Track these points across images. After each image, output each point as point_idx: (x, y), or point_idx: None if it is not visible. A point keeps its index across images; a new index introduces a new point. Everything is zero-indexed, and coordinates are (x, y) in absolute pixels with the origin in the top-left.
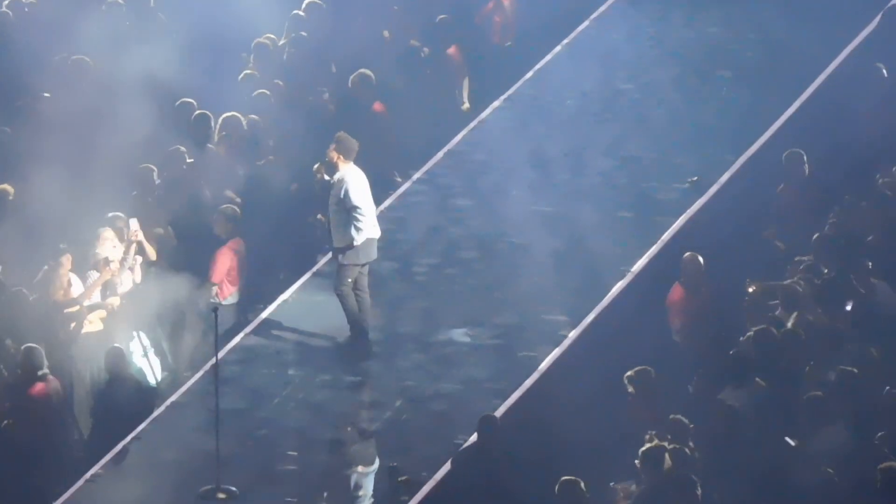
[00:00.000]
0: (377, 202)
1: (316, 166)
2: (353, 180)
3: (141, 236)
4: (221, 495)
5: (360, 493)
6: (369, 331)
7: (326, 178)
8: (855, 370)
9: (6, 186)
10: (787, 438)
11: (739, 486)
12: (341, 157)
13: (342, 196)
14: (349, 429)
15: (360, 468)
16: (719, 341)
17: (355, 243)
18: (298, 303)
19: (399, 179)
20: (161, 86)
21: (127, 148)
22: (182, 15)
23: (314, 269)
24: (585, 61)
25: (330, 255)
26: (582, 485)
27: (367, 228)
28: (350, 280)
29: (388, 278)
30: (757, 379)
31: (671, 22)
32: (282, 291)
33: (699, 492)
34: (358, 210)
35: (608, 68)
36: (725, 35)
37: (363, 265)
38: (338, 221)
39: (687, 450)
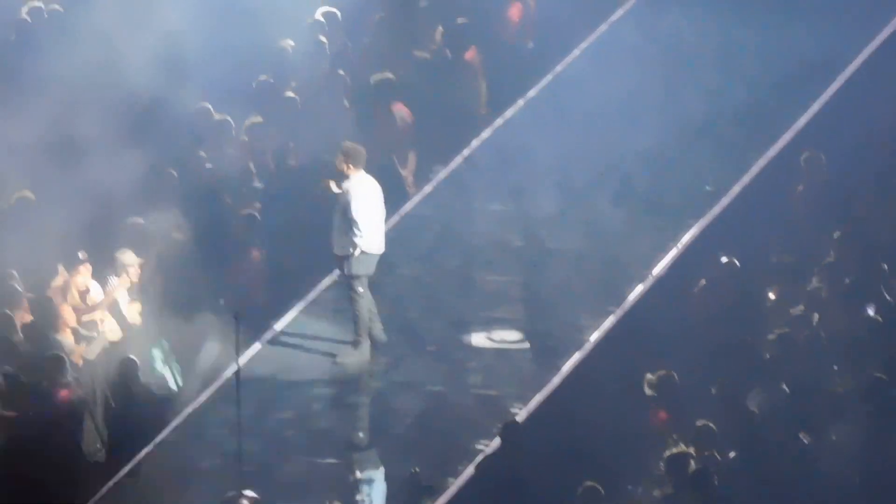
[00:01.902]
0: (399, 203)
1: (324, 182)
2: (362, 190)
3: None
4: (244, 502)
5: (383, 498)
6: (381, 336)
7: (337, 190)
8: (883, 376)
9: (27, 192)
10: (801, 435)
11: (760, 489)
12: (350, 165)
13: (347, 205)
14: (370, 434)
15: (382, 474)
16: (742, 345)
17: (353, 254)
18: (319, 309)
19: (411, 189)
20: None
21: (145, 152)
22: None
23: (334, 275)
24: (605, 64)
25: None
26: (602, 491)
27: (368, 242)
28: (362, 288)
29: (408, 281)
30: (781, 384)
31: (691, 26)
32: (302, 297)
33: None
34: (358, 224)
35: (627, 71)
36: (747, 39)
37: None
38: (340, 230)
39: (713, 455)
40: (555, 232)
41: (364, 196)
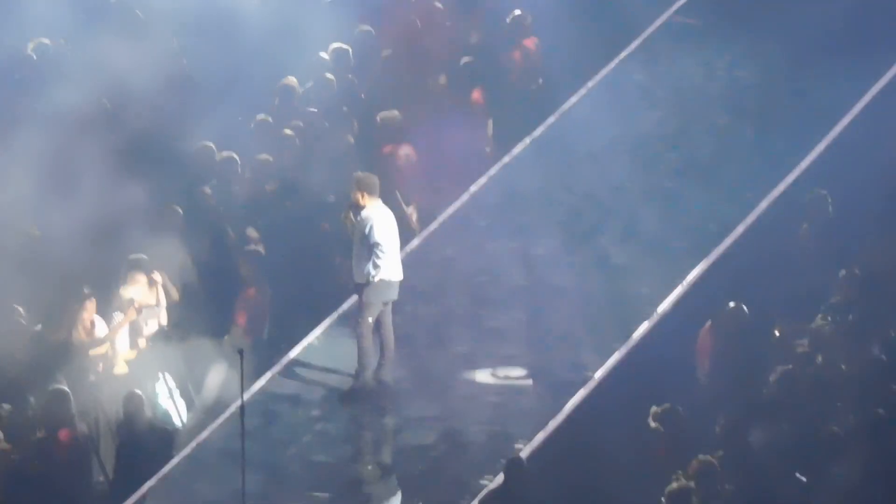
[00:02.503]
0: (405, 240)
1: (343, 214)
2: (380, 218)
3: (163, 279)
4: None
5: None
6: (385, 369)
7: (355, 221)
8: (881, 411)
9: (33, 229)
10: (798, 475)
11: None
12: (365, 194)
13: (366, 232)
14: (375, 469)
15: None
16: (746, 382)
17: (373, 279)
18: (324, 344)
19: (415, 227)
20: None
21: (148, 189)
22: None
23: (339, 310)
24: (611, 103)
25: (354, 295)
26: None
27: (387, 268)
28: (371, 319)
29: (413, 317)
30: (783, 422)
31: (697, 65)
32: (307, 333)
33: None
34: (379, 247)
35: (633, 111)
36: (753, 78)
37: (384, 304)
38: (359, 257)
39: (715, 491)
40: (560, 270)
41: (382, 222)
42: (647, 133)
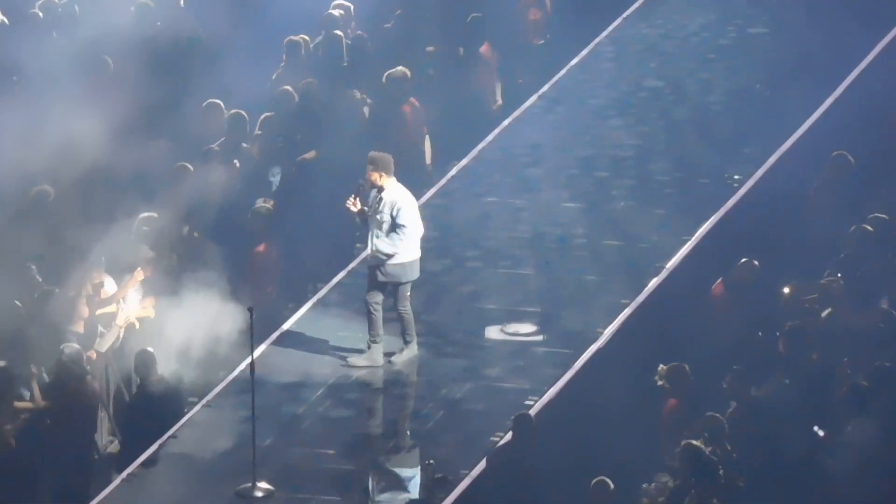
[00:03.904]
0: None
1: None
2: (405, 199)
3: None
4: (258, 493)
5: (397, 490)
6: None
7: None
8: (888, 364)
9: (46, 187)
10: (816, 428)
11: (769, 479)
12: (383, 174)
13: (394, 214)
14: (383, 427)
15: (396, 466)
16: (755, 338)
17: (400, 259)
18: (334, 302)
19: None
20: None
21: (159, 148)
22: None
23: (349, 267)
24: (619, 59)
25: (365, 259)
26: (611, 486)
27: (414, 248)
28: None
29: (422, 274)
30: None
31: (709, 20)
32: (318, 290)
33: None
34: (405, 229)
35: (642, 66)
36: (764, 35)
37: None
38: (381, 236)
39: (723, 448)
40: (569, 226)
41: (409, 203)
42: (654, 88)
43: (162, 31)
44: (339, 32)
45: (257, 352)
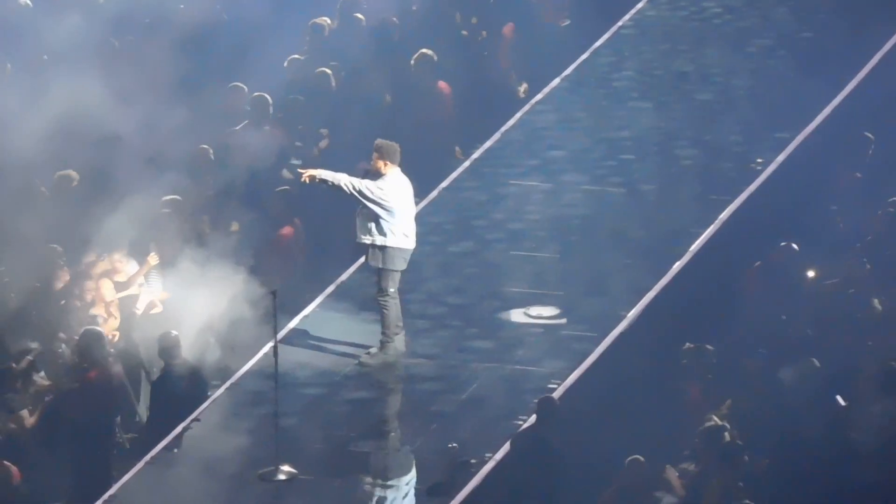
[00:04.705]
0: (437, 180)
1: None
2: (395, 185)
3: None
4: (281, 476)
5: (421, 474)
6: (402, 347)
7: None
8: None
9: (70, 172)
10: (838, 397)
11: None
12: (387, 163)
13: (385, 200)
14: (406, 409)
15: (419, 449)
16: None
17: (382, 243)
18: (357, 285)
19: (461, 157)
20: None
21: (182, 130)
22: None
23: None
24: (644, 41)
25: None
26: (645, 463)
27: (401, 235)
28: (392, 289)
29: (446, 256)
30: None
31: (733, 2)
32: (340, 273)
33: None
34: (392, 215)
35: (667, 48)
36: (790, 16)
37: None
38: (365, 217)
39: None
40: (593, 208)
41: (399, 190)
42: (678, 70)
43: (184, 13)
44: (360, 15)
45: (280, 335)
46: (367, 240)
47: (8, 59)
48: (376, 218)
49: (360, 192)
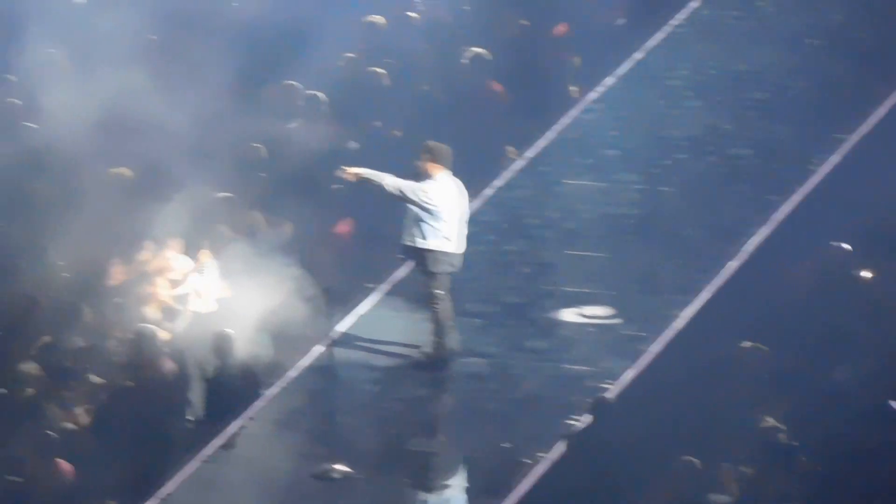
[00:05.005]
0: (490, 179)
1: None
2: (441, 187)
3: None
4: (335, 475)
5: (474, 473)
6: (456, 346)
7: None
8: None
9: (124, 169)
10: (892, 402)
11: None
12: (436, 165)
13: (431, 203)
14: (460, 408)
15: (473, 448)
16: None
17: (424, 245)
18: (412, 282)
19: (515, 156)
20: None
21: (235, 128)
22: None
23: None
24: (698, 40)
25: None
26: (698, 465)
27: (444, 239)
28: (439, 290)
29: (496, 257)
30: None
31: (790, 5)
32: (396, 270)
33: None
34: (434, 216)
35: (722, 47)
36: (845, 16)
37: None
38: (412, 220)
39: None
40: (646, 207)
41: (445, 192)
42: (732, 70)
43: (238, 11)
44: (414, 14)
45: (334, 332)
46: (409, 241)
47: (62, 55)
48: (419, 220)
49: (402, 193)
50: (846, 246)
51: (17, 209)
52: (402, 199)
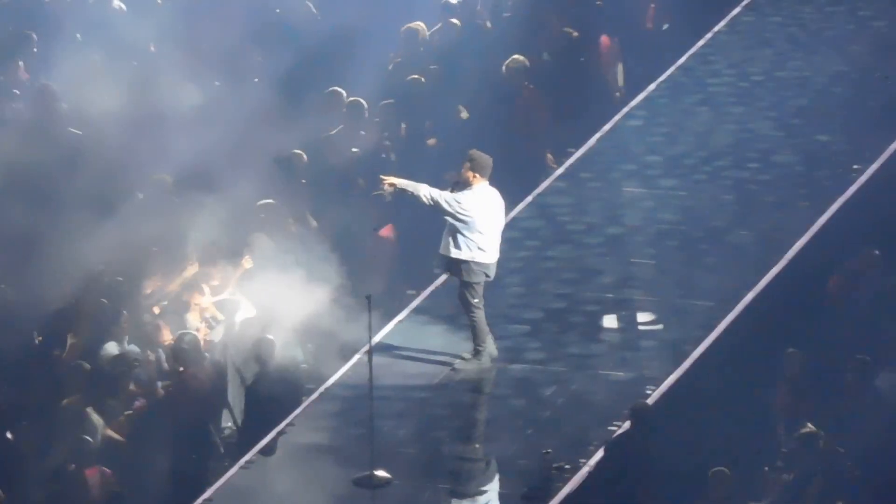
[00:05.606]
0: (531, 185)
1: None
2: (478, 198)
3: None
4: (376, 481)
5: (515, 479)
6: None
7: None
8: None
9: (165, 175)
10: None
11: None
12: (476, 175)
13: (468, 213)
14: (501, 415)
15: (513, 454)
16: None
17: (459, 256)
18: (453, 288)
19: (554, 165)
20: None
21: (276, 134)
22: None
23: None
24: (741, 46)
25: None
26: (730, 475)
27: (481, 250)
28: (476, 300)
29: (535, 262)
30: None
31: (832, 11)
32: (436, 278)
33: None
34: (469, 227)
35: (764, 53)
36: (888, 22)
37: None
38: (450, 230)
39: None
40: (691, 212)
41: (484, 203)
42: (775, 75)
43: (281, 18)
44: (455, 21)
45: (375, 339)
46: (445, 252)
47: (104, 61)
48: (455, 231)
49: (436, 203)
50: (876, 252)
51: (59, 213)
52: (436, 210)
